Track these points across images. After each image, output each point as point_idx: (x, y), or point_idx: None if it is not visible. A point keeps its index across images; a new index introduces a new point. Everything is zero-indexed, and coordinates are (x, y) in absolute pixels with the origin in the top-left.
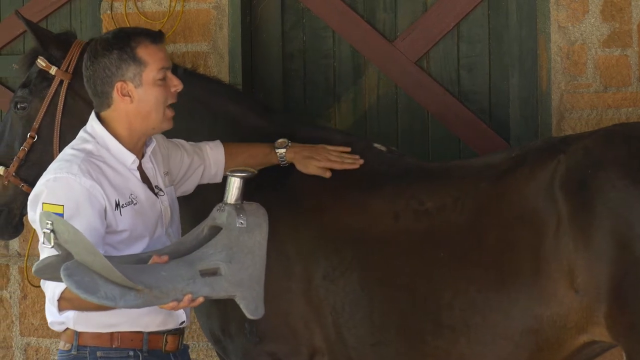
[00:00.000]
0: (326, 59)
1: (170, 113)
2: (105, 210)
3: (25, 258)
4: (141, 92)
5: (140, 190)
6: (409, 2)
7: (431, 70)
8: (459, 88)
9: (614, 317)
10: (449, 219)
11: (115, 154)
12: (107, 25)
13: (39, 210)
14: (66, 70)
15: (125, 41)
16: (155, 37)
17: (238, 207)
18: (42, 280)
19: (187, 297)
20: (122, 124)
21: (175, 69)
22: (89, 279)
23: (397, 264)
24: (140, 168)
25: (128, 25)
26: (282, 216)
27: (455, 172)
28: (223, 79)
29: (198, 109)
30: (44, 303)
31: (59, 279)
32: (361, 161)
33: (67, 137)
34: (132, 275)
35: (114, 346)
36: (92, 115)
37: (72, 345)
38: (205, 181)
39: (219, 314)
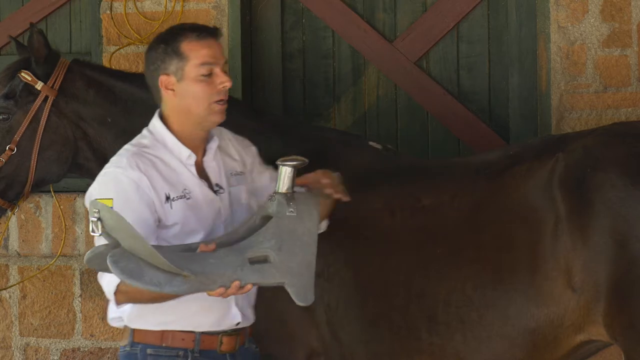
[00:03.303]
0: (326, 59)
1: (218, 107)
2: (154, 203)
3: None
4: (183, 86)
5: (196, 185)
6: (409, 2)
7: (431, 71)
8: (459, 88)
9: (612, 316)
10: (446, 216)
11: (172, 148)
12: (107, 26)
13: (89, 205)
14: (52, 87)
15: (173, 36)
16: (202, 32)
17: (288, 196)
18: (98, 274)
19: (235, 284)
20: (173, 118)
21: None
22: (134, 265)
23: (392, 261)
24: (199, 164)
25: (128, 26)
26: None
27: (452, 169)
28: None
29: None
30: (43, 303)
31: (107, 269)
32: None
33: (46, 152)
34: (179, 262)
35: (164, 344)
36: (157, 112)
37: (128, 341)
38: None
39: None
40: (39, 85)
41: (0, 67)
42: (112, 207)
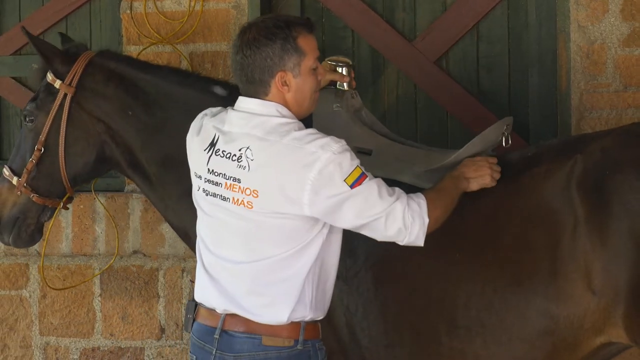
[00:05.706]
0: None
1: (317, 98)
2: None
3: (42, 259)
4: (299, 81)
5: None
6: (429, 2)
7: (450, 70)
8: (479, 88)
9: (632, 318)
10: (465, 218)
11: None
12: (127, 25)
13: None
14: (69, 84)
15: (288, 31)
16: (311, 26)
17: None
18: (403, 220)
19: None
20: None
21: None
22: None
23: (412, 264)
24: None
25: (148, 26)
26: None
27: None
28: None
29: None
30: (63, 302)
31: None
32: None
33: (72, 149)
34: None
35: (320, 337)
36: (265, 102)
37: (296, 340)
38: None
39: None
40: (57, 84)
41: (22, 67)
42: (363, 174)
